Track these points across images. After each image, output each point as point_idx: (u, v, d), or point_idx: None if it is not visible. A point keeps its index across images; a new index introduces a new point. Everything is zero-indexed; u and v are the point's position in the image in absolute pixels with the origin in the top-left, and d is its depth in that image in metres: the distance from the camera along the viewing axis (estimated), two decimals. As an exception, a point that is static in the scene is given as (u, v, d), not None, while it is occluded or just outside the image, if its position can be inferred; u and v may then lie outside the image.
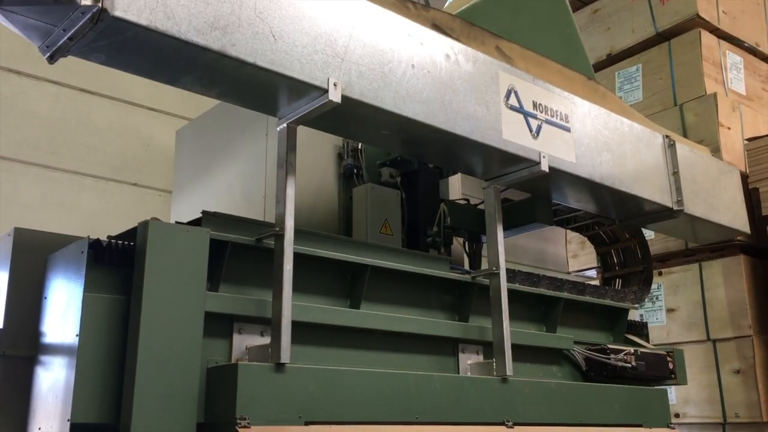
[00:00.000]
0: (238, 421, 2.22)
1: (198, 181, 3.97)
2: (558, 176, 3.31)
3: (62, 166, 4.83)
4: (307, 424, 2.40)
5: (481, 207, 3.77)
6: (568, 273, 6.20)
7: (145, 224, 2.29)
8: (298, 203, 3.15)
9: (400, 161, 3.73)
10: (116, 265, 2.31)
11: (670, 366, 3.89)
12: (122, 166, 5.11)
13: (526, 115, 3.15)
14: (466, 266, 3.89)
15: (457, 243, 3.92)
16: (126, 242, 2.33)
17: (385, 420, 2.64)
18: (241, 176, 3.64)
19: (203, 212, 2.57)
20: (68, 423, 2.11)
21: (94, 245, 2.28)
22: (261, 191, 3.43)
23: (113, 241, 2.32)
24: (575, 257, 6.11)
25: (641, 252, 4.38)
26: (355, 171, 3.61)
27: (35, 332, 2.50)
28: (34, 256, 2.56)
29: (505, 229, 3.82)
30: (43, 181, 4.73)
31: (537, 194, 3.72)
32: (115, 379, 2.21)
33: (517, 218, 3.83)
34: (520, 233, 3.95)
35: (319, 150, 3.60)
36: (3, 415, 2.47)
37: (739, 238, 4.81)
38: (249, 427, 2.22)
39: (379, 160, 3.76)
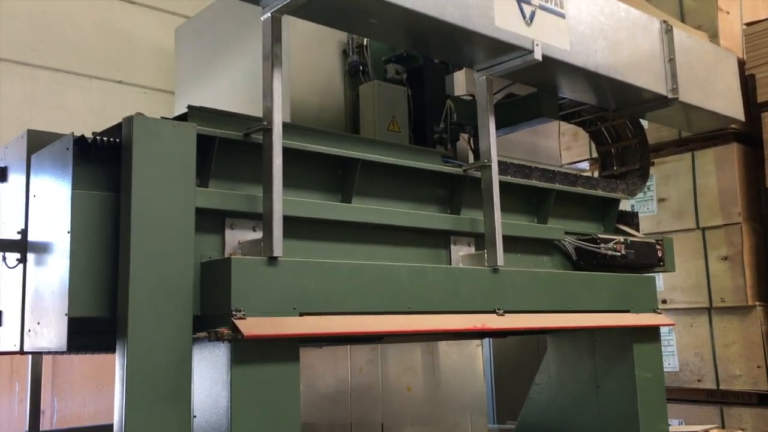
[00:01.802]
0: (234, 312, 2.26)
1: (201, 80, 3.88)
2: (551, 65, 3.23)
3: (43, 63, 4.70)
4: (302, 315, 2.45)
5: None
6: (561, 166, 6.20)
7: (129, 119, 2.25)
8: (306, 102, 3.11)
9: (405, 57, 3.66)
10: (103, 162, 2.29)
11: (659, 254, 3.95)
12: (105, 63, 4.98)
13: (520, 0, 3.04)
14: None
15: (463, 140, 3.90)
16: (112, 138, 2.30)
17: (378, 310, 2.70)
18: (245, 74, 3.55)
19: (189, 107, 2.52)
20: (66, 317, 2.14)
21: (80, 142, 2.24)
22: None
23: (98, 137, 2.28)
24: (568, 149, 6.09)
25: (641, 150, 4.36)
26: (360, 68, 3.56)
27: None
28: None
29: (510, 123, 3.84)
30: (24, 80, 4.62)
31: (530, 84, 3.66)
32: (110, 274, 2.23)
33: (523, 113, 3.82)
34: (526, 128, 3.96)
35: (323, 47, 3.51)
36: None
37: (733, 126, 4.78)
38: (244, 318, 2.27)
39: (384, 56, 3.68)
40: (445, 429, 3.74)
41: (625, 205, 4.58)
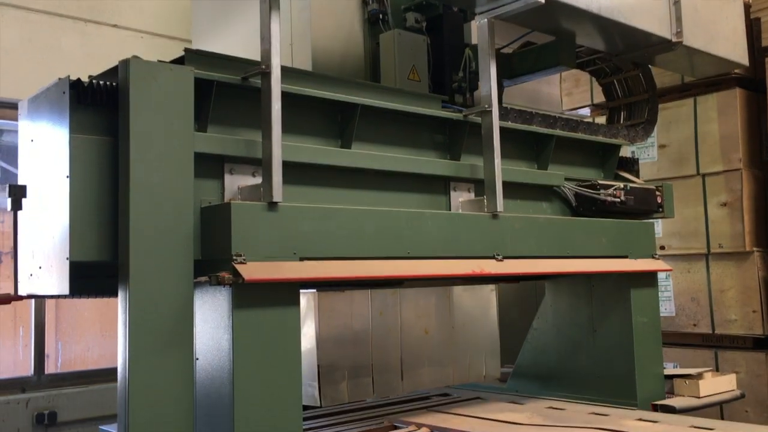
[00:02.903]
0: (234, 257, 2.27)
1: (218, 29, 3.80)
2: (554, 7, 3.17)
3: (39, 6, 4.62)
4: (302, 259, 2.46)
5: (504, 51, 3.71)
6: (562, 113, 6.15)
7: (125, 62, 2.22)
8: (326, 51, 3.09)
9: (425, 5, 3.62)
10: (101, 106, 2.27)
11: (659, 200, 3.95)
12: (100, 7, 4.89)
13: (523, -60, 2.97)
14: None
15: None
16: (108, 82, 2.28)
17: (378, 255, 2.71)
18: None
19: (186, 50, 2.49)
20: (67, 261, 2.16)
21: (76, 85, 2.22)
22: (287, 38, 3.30)
23: (95, 80, 2.26)
24: (569, 95, 6.03)
25: (650, 104, 4.31)
26: (380, 16, 3.52)
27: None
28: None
29: (528, 72, 3.84)
30: (20, 23, 4.55)
31: (533, 28, 3.61)
32: (111, 219, 2.24)
33: (540, 61, 3.81)
34: (544, 76, 3.97)
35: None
36: None
37: (736, 70, 4.73)
38: (245, 263, 2.28)
39: (403, 4, 3.63)
40: (461, 369, 3.89)
41: (625, 152, 4.57)
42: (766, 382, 4.70)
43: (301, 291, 3.45)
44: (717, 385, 3.85)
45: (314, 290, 3.37)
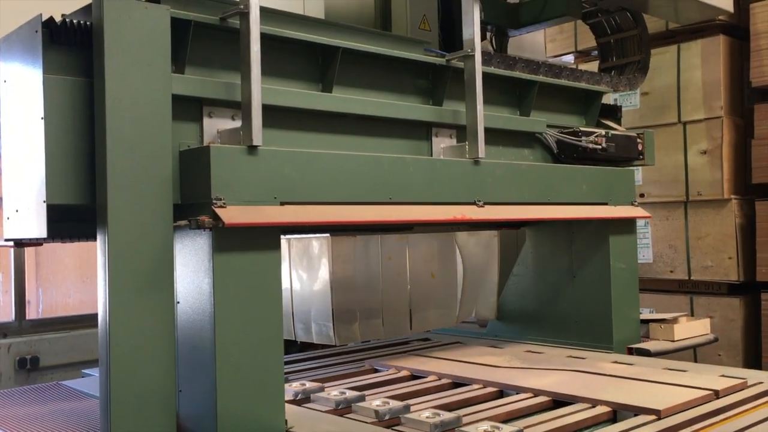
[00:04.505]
0: (214, 201, 2.26)
1: None
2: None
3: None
4: (282, 204, 2.45)
5: (512, 0, 3.74)
6: (546, 59, 6.10)
7: (99, 0, 2.16)
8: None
9: None
10: (76, 46, 2.21)
11: (640, 147, 3.97)
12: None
13: None
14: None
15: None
16: (83, 21, 2.21)
17: (359, 201, 2.71)
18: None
19: (161, -12, 2.41)
20: (44, 204, 2.13)
21: (49, 24, 2.16)
22: None
23: (69, 19, 2.20)
24: (553, 42, 5.98)
25: (640, 64, 4.28)
26: None
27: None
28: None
29: (535, 22, 3.94)
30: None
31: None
32: (88, 161, 2.21)
33: (547, 11, 3.86)
34: (550, 26, 4.02)
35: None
36: None
37: (720, 17, 4.70)
38: (225, 207, 2.27)
39: None
40: (464, 312, 4.03)
41: (609, 100, 4.56)
42: (738, 327, 4.82)
43: (314, 237, 3.49)
44: (691, 329, 3.94)
45: (327, 235, 3.42)
